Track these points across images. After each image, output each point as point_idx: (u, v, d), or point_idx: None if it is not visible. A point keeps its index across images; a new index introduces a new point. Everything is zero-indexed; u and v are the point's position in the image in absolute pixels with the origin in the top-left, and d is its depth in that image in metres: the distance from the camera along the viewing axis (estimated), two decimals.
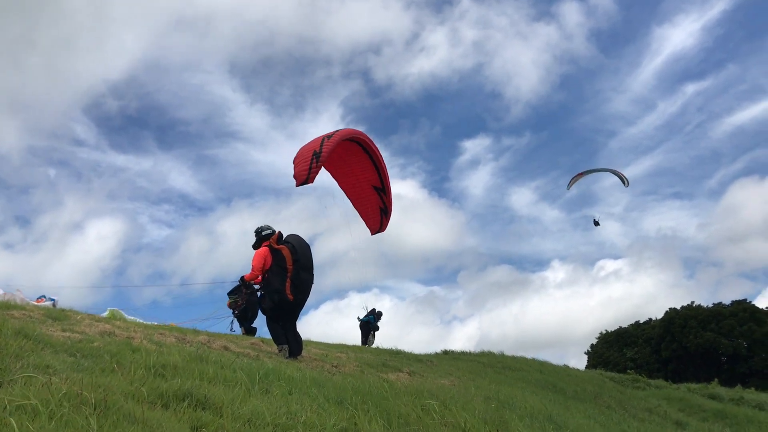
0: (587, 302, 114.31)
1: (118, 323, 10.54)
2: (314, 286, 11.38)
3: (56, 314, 9.90)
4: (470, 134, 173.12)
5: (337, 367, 11.23)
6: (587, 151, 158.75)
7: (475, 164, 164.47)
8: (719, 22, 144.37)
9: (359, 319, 25.17)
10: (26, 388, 4.34)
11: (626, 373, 30.22)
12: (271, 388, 6.54)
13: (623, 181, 30.16)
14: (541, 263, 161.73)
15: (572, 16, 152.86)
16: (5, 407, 3.87)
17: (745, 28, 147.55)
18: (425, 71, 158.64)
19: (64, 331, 8.17)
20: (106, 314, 15.46)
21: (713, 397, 25.29)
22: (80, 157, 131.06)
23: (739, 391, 29.12)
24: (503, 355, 23.22)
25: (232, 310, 18.00)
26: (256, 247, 11.57)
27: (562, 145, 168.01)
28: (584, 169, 32.06)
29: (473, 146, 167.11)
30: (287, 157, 11.80)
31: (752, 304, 66.67)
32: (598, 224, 34.26)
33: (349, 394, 6.87)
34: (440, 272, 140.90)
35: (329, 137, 11.96)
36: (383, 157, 13.65)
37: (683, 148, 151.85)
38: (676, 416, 18.47)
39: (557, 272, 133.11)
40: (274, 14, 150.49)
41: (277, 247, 11.23)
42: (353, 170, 13.67)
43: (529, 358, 23.66)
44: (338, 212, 13.84)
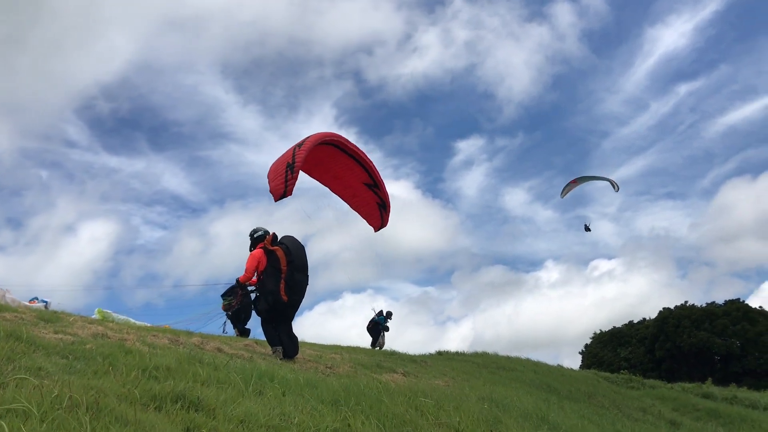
0: (581, 302, 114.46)
1: (111, 325, 10.49)
2: (308, 287, 11.40)
3: (48, 316, 9.84)
4: (463, 135, 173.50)
5: (331, 368, 11.21)
6: (580, 151, 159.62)
7: (468, 165, 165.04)
8: (711, 22, 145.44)
9: (372, 320, 24.83)
10: (18, 390, 4.31)
11: (620, 372, 30.38)
12: (264, 389, 6.53)
13: (613, 185, 30.78)
14: (534, 263, 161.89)
15: (564, 16, 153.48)
16: None
17: (737, 28, 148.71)
18: (418, 72, 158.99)
19: (56, 333, 8.12)
20: (95, 315, 15.33)
21: (707, 396, 25.42)
22: (72, 158, 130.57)
23: (732, 390, 29.32)
24: (497, 355, 23.28)
25: (225, 312, 17.97)
26: (251, 249, 11.62)
27: (555, 145, 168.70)
28: (577, 175, 32.83)
29: (467, 147, 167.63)
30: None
31: (745, 303, 67.10)
32: (589, 230, 34.70)
33: (342, 395, 6.86)
34: (434, 273, 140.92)
35: (300, 146, 11.68)
36: (369, 155, 13.19)
37: (676, 148, 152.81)
38: (669, 415, 18.55)
39: (551, 272, 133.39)
40: (264, 15, 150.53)
41: (271, 248, 11.24)
42: (338, 173, 13.39)
43: (523, 358, 23.74)
44: (331, 213, 13.73)
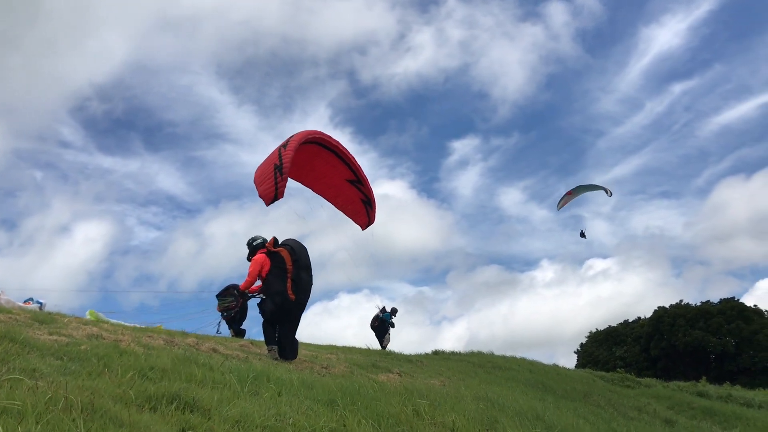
0: (576, 301, 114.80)
1: (105, 326, 10.45)
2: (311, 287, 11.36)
3: (43, 317, 9.80)
4: (458, 134, 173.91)
5: (326, 368, 11.21)
6: (575, 150, 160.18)
7: (463, 165, 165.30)
8: (705, 22, 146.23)
9: (376, 318, 24.50)
10: (12, 391, 4.30)
11: (616, 371, 30.39)
12: (260, 390, 6.52)
13: (607, 192, 31.51)
14: (529, 263, 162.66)
15: (558, 16, 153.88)
16: None
17: (730, 28, 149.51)
18: (411, 71, 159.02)
19: (50, 334, 8.09)
20: (86, 316, 15.26)
21: (702, 394, 25.46)
22: (67, 159, 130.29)
23: (727, 388, 29.40)
24: (493, 354, 23.29)
25: (221, 313, 17.93)
26: (249, 258, 11.60)
27: (550, 145, 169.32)
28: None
29: (462, 146, 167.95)
30: None
31: (740, 302, 67.33)
32: (584, 236, 35.27)
33: (338, 395, 6.86)
34: (429, 273, 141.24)
35: (285, 146, 11.53)
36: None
37: (671, 147, 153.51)
38: (665, 414, 18.58)
39: (546, 272, 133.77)
40: (258, 14, 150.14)
41: (274, 250, 11.24)
42: (322, 172, 13.11)
43: (518, 357, 23.75)
44: (325, 213, 13.65)
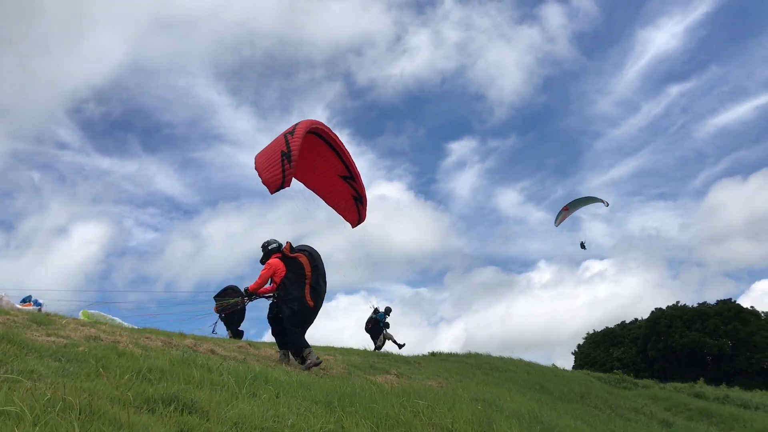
0: (573, 303, 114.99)
1: (103, 327, 10.45)
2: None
3: (41, 319, 9.80)
4: (456, 136, 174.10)
5: (324, 369, 11.21)
6: (572, 152, 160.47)
7: (461, 166, 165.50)
8: (702, 23, 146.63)
9: (370, 319, 23.70)
10: (10, 393, 4.30)
11: (613, 372, 30.42)
12: (258, 391, 6.52)
13: (603, 203, 32.08)
14: (527, 264, 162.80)
15: (555, 18, 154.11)
16: None
17: (727, 30, 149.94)
18: (407, 72, 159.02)
19: (48, 335, 8.09)
20: (80, 316, 15.24)
21: (699, 396, 25.50)
22: (64, 160, 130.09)
23: (724, 389, 29.45)
24: (490, 356, 23.29)
25: (218, 314, 17.96)
26: (263, 261, 11.37)
27: (547, 146, 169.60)
28: (568, 200, 34.24)
29: (459, 148, 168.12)
30: None
31: (737, 303, 67.50)
32: (584, 248, 35.71)
33: (336, 396, 6.87)
34: (426, 274, 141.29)
35: (292, 133, 11.05)
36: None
37: (667, 149, 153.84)
38: (662, 415, 18.62)
39: (543, 273, 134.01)
40: (254, 16, 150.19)
41: (292, 255, 11.03)
42: (317, 165, 12.63)
43: (516, 359, 23.77)
44: (322, 215, 13.53)
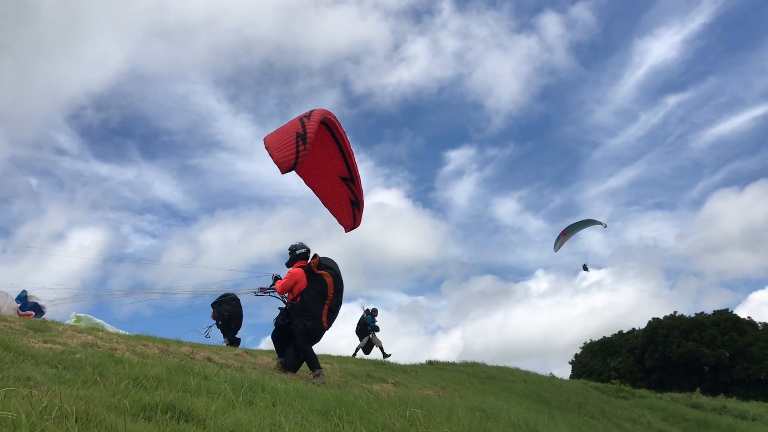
0: (571, 312, 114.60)
1: (100, 334, 10.43)
2: None
3: (38, 325, 9.77)
4: (453, 145, 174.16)
5: None
6: (570, 161, 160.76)
7: (459, 174, 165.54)
8: (700, 35, 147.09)
9: (360, 321, 22.62)
10: (7, 400, 4.30)
11: (610, 382, 30.43)
12: (255, 399, 6.52)
13: (602, 224, 32.76)
14: (524, 273, 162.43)
15: (553, 28, 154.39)
16: None
17: (724, 41, 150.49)
18: (405, 81, 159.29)
19: (45, 342, 8.07)
20: (71, 320, 15.21)
21: (696, 406, 25.50)
22: (63, 166, 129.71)
23: (721, 400, 29.44)
24: (488, 365, 23.26)
25: (215, 320, 17.99)
26: (289, 265, 11.04)
27: (545, 155, 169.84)
28: (566, 224, 34.99)
29: (457, 156, 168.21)
30: (272, 167, 10.56)
31: (734, 314, 67.47)
32: (587, 269, 36.31)
33: (333, 405, 6.86)
34: (424, 282, 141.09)
35: (308, 117, 10.57)
36: (360, 164, 11.62)
37: (665, 159, 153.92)
38: (659, 425, 18.60)
39: (540, 282, 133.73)
40: (251, 23, 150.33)
41: (318, 272, 10.62)
42: (320, 161, 12.04)
43: (513, 368, 23.74)
44: (320, 222, 13.43)
